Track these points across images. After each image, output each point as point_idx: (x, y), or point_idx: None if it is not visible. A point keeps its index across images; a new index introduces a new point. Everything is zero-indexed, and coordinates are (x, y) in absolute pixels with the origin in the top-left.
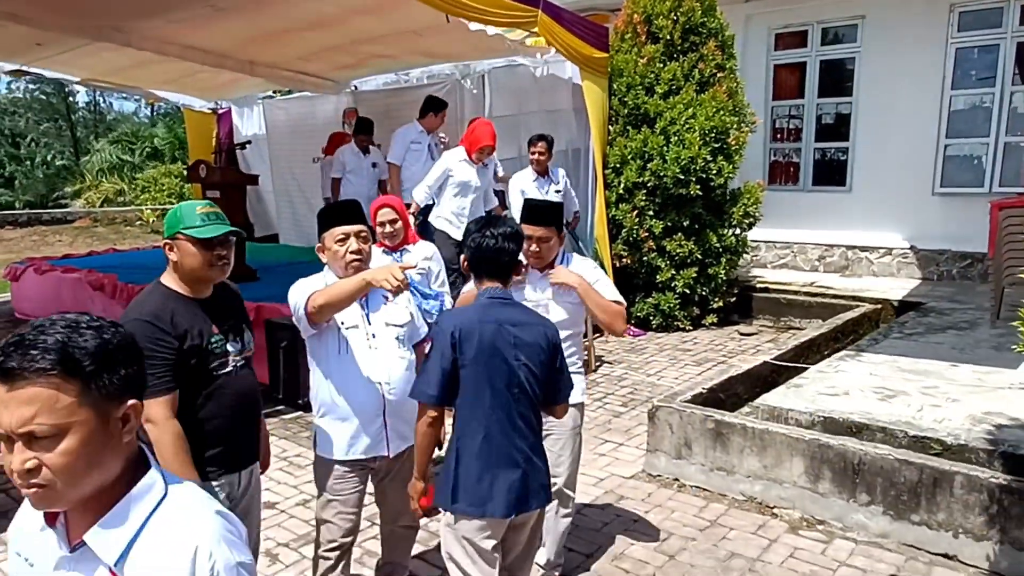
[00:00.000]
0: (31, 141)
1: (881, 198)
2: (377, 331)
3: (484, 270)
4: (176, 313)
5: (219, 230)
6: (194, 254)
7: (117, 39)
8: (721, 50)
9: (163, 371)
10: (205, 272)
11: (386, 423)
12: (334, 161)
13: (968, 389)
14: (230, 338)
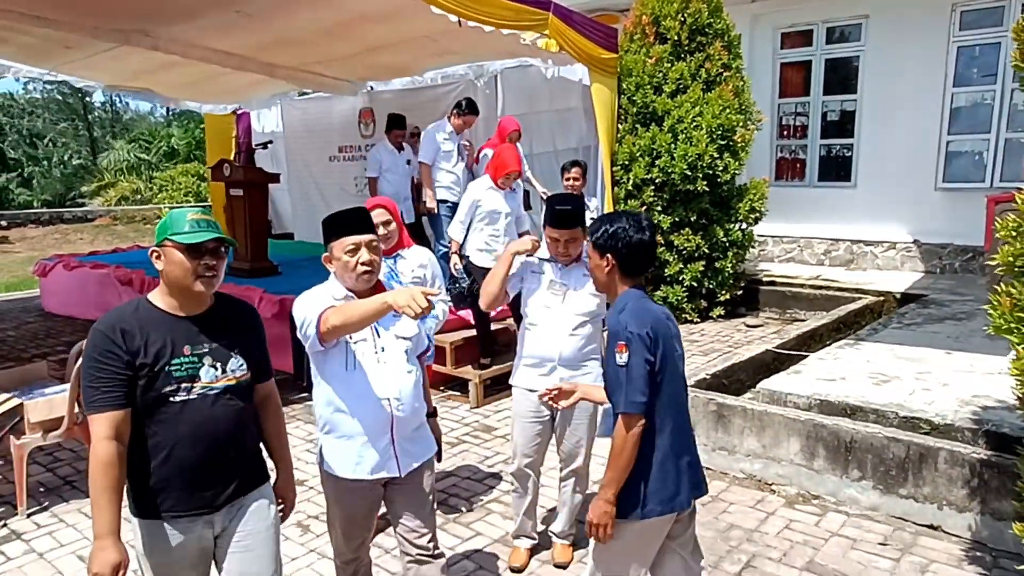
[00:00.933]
0: (48, 141)
1: (885, 193)
2: (387, 344)
3: (640, 267)
4: (138, 328)
5: (206, 236)
6: (179, 262)
7: (145, 43)
8: (727, 50)
9: (107, 385)
10: (190, 282)
11: (394, 440)
12: (369, 160)
13: (959, 374)
14: (207, 362)
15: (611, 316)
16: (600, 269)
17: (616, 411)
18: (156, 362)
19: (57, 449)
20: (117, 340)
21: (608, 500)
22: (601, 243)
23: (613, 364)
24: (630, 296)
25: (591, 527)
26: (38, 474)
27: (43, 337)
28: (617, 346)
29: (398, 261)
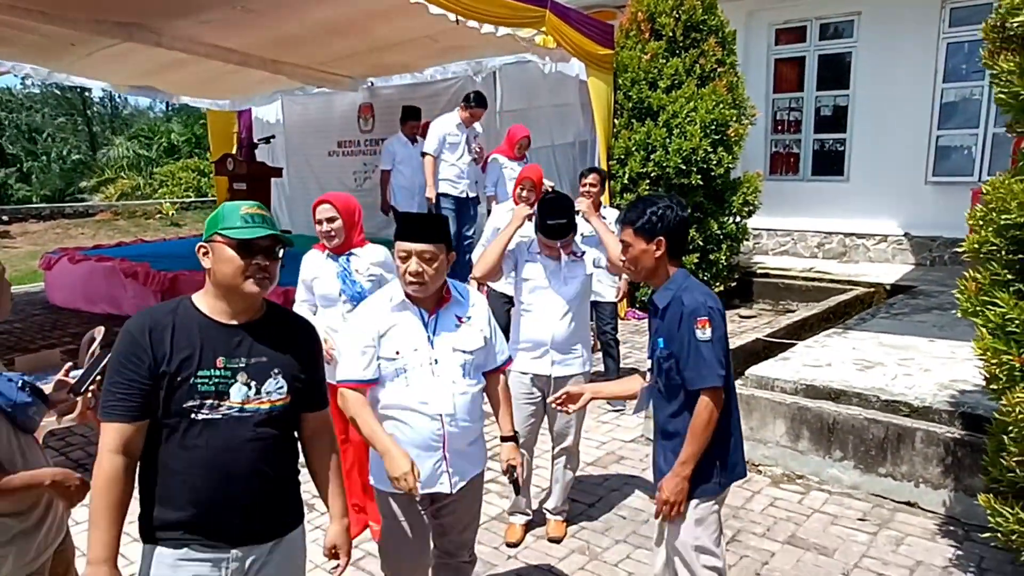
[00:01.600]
0: (47, 136)
1: (877, 187)
2: (441, 356)
3: (684, 246)
4: (171, 331)
5: (260, 231)
6: (229, 259)
7: (148, 39)
8: (721, 46)
9: (123, 392)
10: (238, 282)
11: (446, 457)
12: (383, 153)
13: (940, 361)
14: (240, 379)
15: (679, 295)
16: (648, 254)
17: (697, 386)
18: (180, 371)
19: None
20: (144, 343)
21: (686, 476)
22: (649, 227)
23: (692, 340)
24: (684, 275)
25: (664, 504)
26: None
27: (49, 329)
28: (699, 321)
29: (351, 259)
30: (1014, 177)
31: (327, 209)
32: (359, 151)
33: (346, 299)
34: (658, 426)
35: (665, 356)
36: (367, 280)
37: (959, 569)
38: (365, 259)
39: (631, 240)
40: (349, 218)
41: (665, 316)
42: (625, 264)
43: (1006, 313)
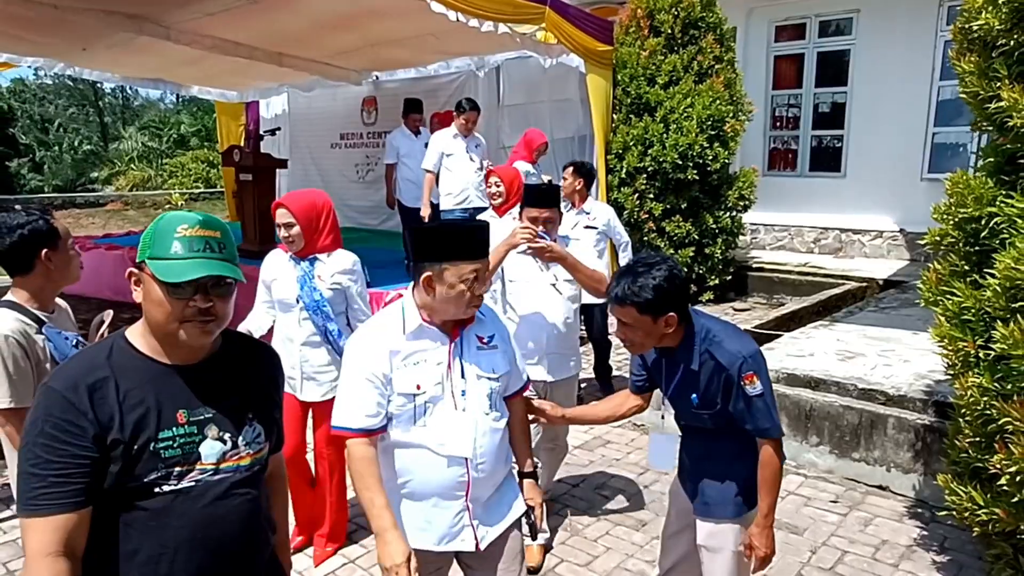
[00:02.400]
0: (59, 127)
1: (873, 183)
2: (470, 388)
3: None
4: (114, 385)
5: (199, 269)
6: (158, 301)
7: (157, 32)
8: (719, 43)
9: (59, 474)
10: (172, 329)
11: (469, 507)
12: (386, 146)
13: (921, 352)
14: (211, 434)
15: (707, 349)
16: (657, 330)
17: (764, 437)
18: (137, 436)
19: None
20: (81, 404)
21: (771, 526)
22: (656, 305)
23: (743, 397)
24: (703, 320)
25: (764, 560)
26: None
27: None
28: (745, 377)
29: (315, 264)
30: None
31: (283, 214)
32: (361, 143)
33: (303, 306)
34: (691, 455)
35: (708, 412)
36: (329, 288)
37: (922, 548)
38: (331, 266)
39: (634, 321)
40: (308, 223)
41: (698, 376)
42: (627, 344)
43: (962, 302)
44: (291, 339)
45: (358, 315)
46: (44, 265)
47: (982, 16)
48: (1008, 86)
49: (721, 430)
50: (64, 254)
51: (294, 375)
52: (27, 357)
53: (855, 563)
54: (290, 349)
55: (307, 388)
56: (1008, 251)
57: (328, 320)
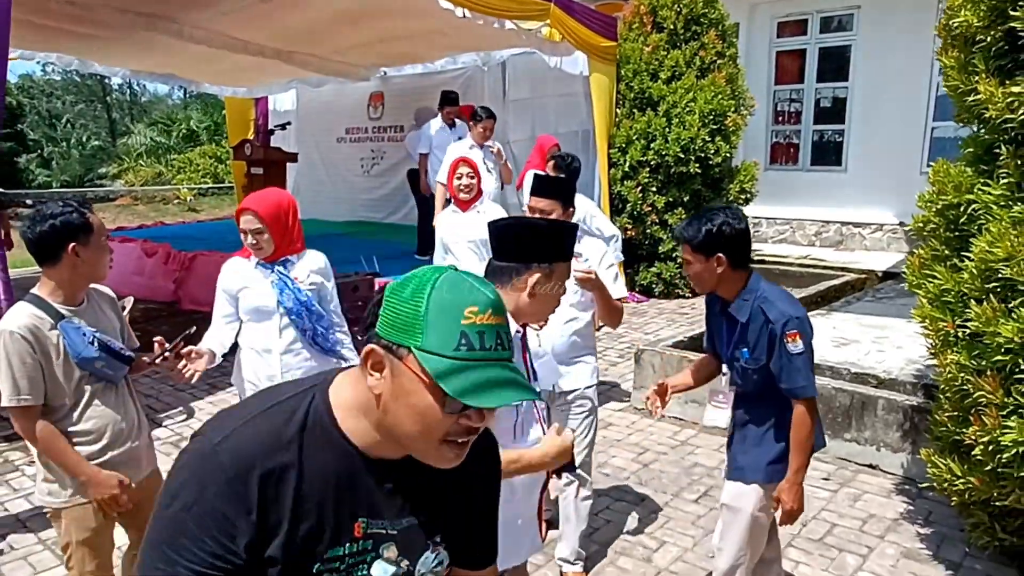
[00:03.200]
0: (67, 123)
1: (873, 177)
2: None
3: (749, 255)
4: (295, 475)
5: (509, 394)
6: (424, 409)
7: (170, 29)
8: (721, 39)
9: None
10: (428, 448)
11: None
12: (421, 136)
13: (913, 339)
14: (386, 554)
15: (759, 306)
16: (710, 271)
17: (795, 397)
18: (301, 553)
19: None
20: (247, 499)
21: (800, 483)
22: (706, 245)
23: (785, 353)
24: (759, 282)
25: (791, 515)
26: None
27: None
28: (789, 335)
29: (288, 266)
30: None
31: (251, 220)
32: (366, 138)
33: (283, 312)
34: (738, 422)
35: (755, 368)
36: (308, 288)
37: (908, 521)
38: (304, 266)
39: (691, 258)
40: (278, 226)
41: (747, 329)
42: (688, 277)
43: (942, 284)
44: (269, 349)
45: (331, 316)
46: (71, 258)
47: (962, 13)
48: (985, 80)
49: (764, 395)
50: (94, 249)
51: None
52: (36, 352)
53: (843, 535)
54: (269, 360)
55: None
56: (984, 235)
57: (319, 320)
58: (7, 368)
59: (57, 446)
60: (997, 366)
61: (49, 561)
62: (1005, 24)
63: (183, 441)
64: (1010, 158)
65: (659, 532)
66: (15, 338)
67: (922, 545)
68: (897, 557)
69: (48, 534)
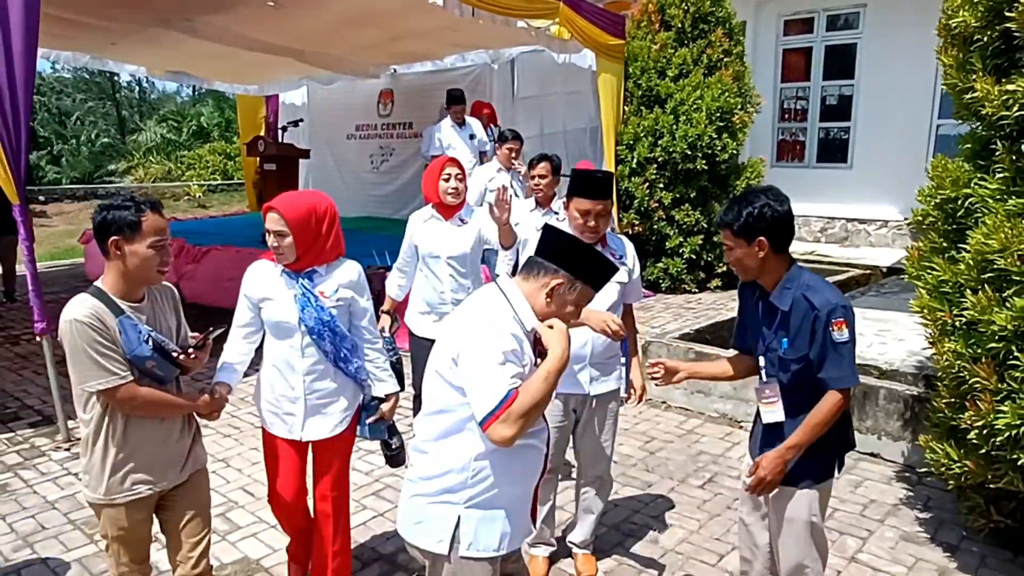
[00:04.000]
0: (77, 120)
1: (879, 174)
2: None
3: (790, 240)
4: None
5: None
6: None
7: (183, 27)
8: (728, 37)
9: None
10: None
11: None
12: (431, 138)
13: (915, 332)
14: None
15: (802, 294)
16: (751, 255)
17: (836, 387)
18: None
19: None
20: None
21: (788, 460)
22: (747, 229)
23: (829, 341)
24: (801, 271)
25: (762, 483)
26: None
27: None
28: (835, 323)
29: (315, 279)
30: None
31: (275, 220)
32: (376, 135)
33: (305, 330)
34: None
35: (795, 358)
36: (335, 305)
37: (907, 506)
38: (333, 280)
39: (732, 243)
40: (305, 233)
41: (789, 317)
42: (730, 263)
43: (940, 276)
44: (292, 368)
45: (362, 333)
46: (115, 253)
47: (960, 14)
48: (982, 78)
49: (801, 388)
50: (138, 248)
51: (294, 410)
52: (106, 336)
53: (843, 519)
54: (292, 380)
55: (312, 425)
56: (980, 228)
57: (342, 341)
58: (85, 355)
59: (165, 400)
60: (991, 353)
61: (79, 539)
62: (1001, 24)
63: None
64: (1006, 153)
65: (665, 516)
66: (82, 326)
67: (920, 529)
68: (896, 540)
69: (79, 515)
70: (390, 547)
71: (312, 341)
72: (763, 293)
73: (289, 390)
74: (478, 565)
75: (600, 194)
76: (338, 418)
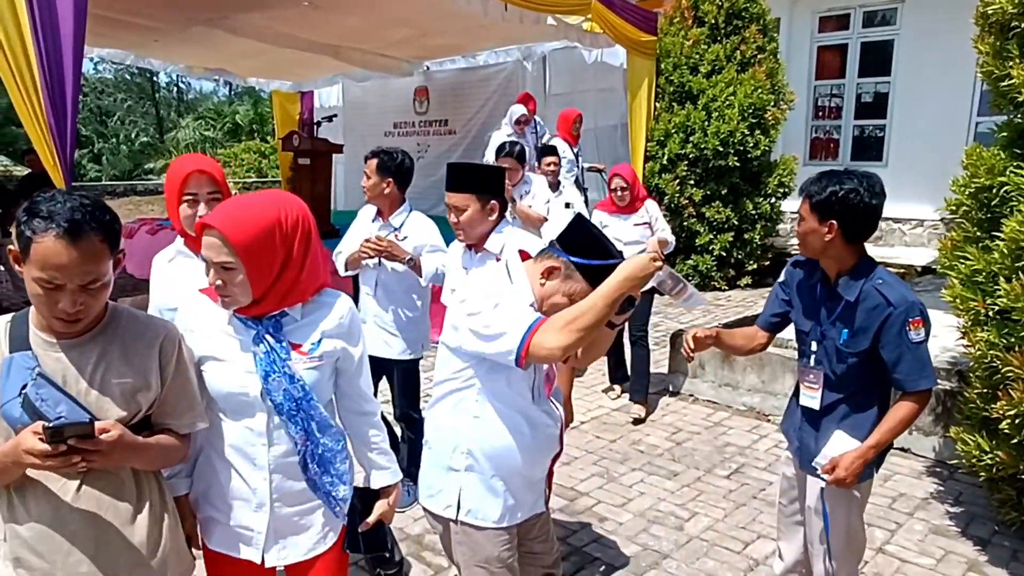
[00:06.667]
0: (117, 119)
1: (915, 173)
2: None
3: (867, 233)
4: None
5: None
6: None
7: (223, 25)
8: (762, 33)
9: None
10: None
11: (552, 471)
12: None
13: (950, 329)
14: None
15: (875, 288)
16: (818, 235)
17: (913, 388)
18: None
19: None
20: None
21: (869, 460)
22: (824, 206)
23: (906, 341)
24: (871, 264)
25: (840, 483)
26: None
27: (130, 290)
28: (912, 323)
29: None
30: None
31: (213, 246)
32: (413, 132)
33: (272, 407)
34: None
35: (854, 351)
36: (315, 366)
37: (937, 500)
38: (315, 325)
39: (805, 214)
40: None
41: (855, 309)
42: (797, 234)
43: (974, 265)
44: (252, 461)
45: (355, 402)
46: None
47: (997, 1)
48: (1019, 65)
49: (853, 381)
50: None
51: (255, 523)
52: None
53: (872, 511)
54: (252, 479)
55: (282, 544)
56: (1015, 216)
57: (322, 430)
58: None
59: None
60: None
61: None
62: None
63: None
64: None
65: (691, 504)
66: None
67: (951, 522)
68: (925, 533)
69: None
70: None
71: (283, 422)
72: (824, 278)
73: (248, 493)
74: (480, 534)
75: (455, 186)
76: (319, 532)
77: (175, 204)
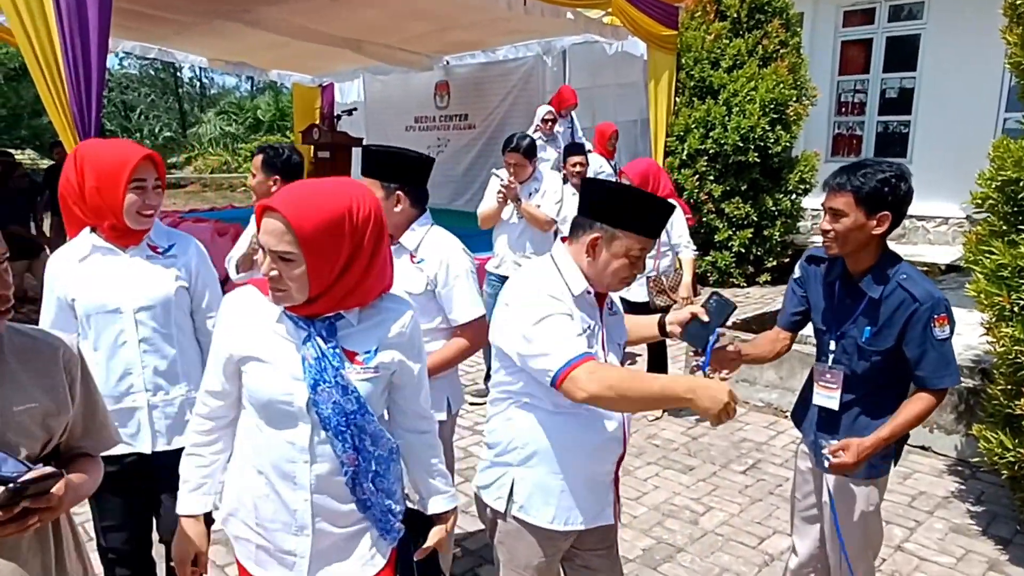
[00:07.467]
0: (141, 114)
1: (939, 170)
2: (610, 358)
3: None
4: None
5: None
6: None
7: (246, 19)
8: (785, 28)
9: None
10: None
11: (617, 479)
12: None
13: (973, 327)
14: None
15: (900, 284)
16: (865, 230)
17: (936, 386)
18: None
19: None
20: None
21: (877, 449)
22: (877, 198)
23: (930, 338)
24: (898, 258)
25: (843, 466)
26: None
27: None
28: (937, 319)
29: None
30: None
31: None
32: (434, 126)
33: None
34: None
35: (878, 349)
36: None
37: (958, 499)
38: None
39: (847, 209)
40: (326, 253)
41: (879, 306)
42: (829, 236)
43: (999, 259)
44: (293, 479)
45: (410, 421)
46: None
47: None
48: None
49: (875, 379)
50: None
51: (296, 547)
52: None
53: (891, 509)
54: (291, 498)
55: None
56: None
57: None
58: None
59: None
60: None
61: None
62: None
63: None
64: None
65: (706, 498)
66: None
67: (972, 522)
68: (945, 532)
69: None
70: None
71: (328, 437)
72: (845, 274)
73: (286, 515)
74: (526, 535)
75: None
76: (367, 555)
77: (119, 190)
